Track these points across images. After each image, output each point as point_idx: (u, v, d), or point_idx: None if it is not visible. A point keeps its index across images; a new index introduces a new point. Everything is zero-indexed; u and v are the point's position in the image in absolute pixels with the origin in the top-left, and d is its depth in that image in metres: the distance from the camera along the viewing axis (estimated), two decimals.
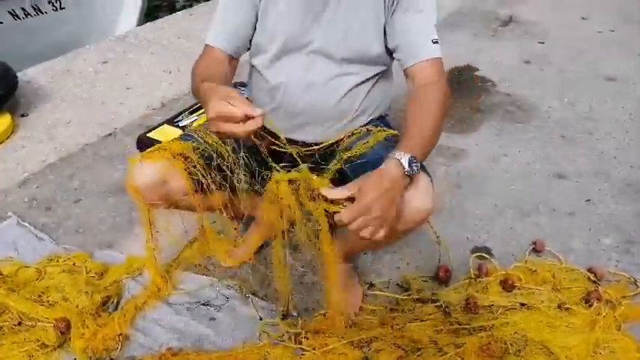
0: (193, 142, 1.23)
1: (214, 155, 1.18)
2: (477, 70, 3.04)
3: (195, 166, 1.20)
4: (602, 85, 2.91)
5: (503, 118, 2.56)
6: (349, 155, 1.20)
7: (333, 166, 1.16)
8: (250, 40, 1.33)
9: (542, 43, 3.47)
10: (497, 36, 3.57)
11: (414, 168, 1.06)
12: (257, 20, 1.30)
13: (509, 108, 2.65)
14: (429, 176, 1.18)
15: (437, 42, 1.23)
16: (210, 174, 1.21)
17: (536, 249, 1.72)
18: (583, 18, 3.95)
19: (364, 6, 1.23)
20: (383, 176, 1.03)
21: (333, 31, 1.24)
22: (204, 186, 1.23)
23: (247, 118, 0.99)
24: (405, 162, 1.05)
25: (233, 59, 1.33)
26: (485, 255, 1.69)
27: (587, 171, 2.16)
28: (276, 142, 1.25)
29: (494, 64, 3.13)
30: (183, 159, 1.20)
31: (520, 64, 3.16)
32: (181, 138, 1.28)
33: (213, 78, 1.17)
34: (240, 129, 0.99)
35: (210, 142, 1.22)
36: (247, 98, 1.48)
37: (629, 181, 2.10)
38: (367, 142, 1.24)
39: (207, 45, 1.33)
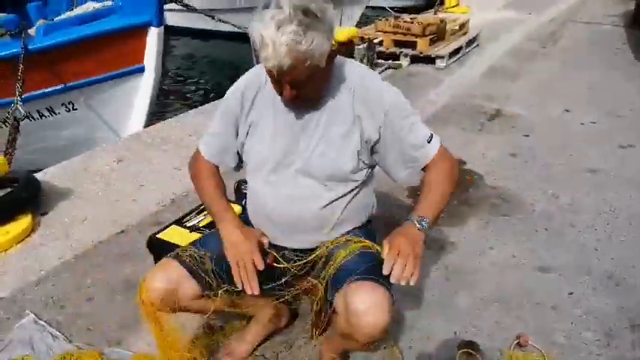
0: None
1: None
2: (465, 163, 3.25)
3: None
4: (583, 178, 3.10)
5: (489, 211, 2.72)
6: (333, 268, 1.35)
7: (322, 279, 1.35)
8: (238, 154, 1.56)
9: (527, 136, 3.71)
10: (484, 130, 3.83)
11: (423, 224, 1.34)
12: (239, 137, 1.51)
13: (495, 201, 2.82)
14: (390, 291, 1.30)
15: (431, 137, 1.43)
16: (217, 280, 1.41)
17: (521, 344, 1.81)
18: (566, 110, 4.23)
19: (340, 132, 1.40)
20: (400, 231, 1.34)
21: (312, 153, 1.41)
22: (211, 291, 1.41)
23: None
24: (415, 221, 1.35)
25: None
26: (471, 351, 1.78)
27: (570, 264, 2.28)
28: (278, 258, 1.44)
29: (481, 157, 3.35)
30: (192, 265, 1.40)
31: (506, 157, 3.37)
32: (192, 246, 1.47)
33: (215, 190, 1.54)
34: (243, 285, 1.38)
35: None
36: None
37: (609, 273, 2.21)
38: (346, 251, 1.39)
39: (198, 150, 1.59)
